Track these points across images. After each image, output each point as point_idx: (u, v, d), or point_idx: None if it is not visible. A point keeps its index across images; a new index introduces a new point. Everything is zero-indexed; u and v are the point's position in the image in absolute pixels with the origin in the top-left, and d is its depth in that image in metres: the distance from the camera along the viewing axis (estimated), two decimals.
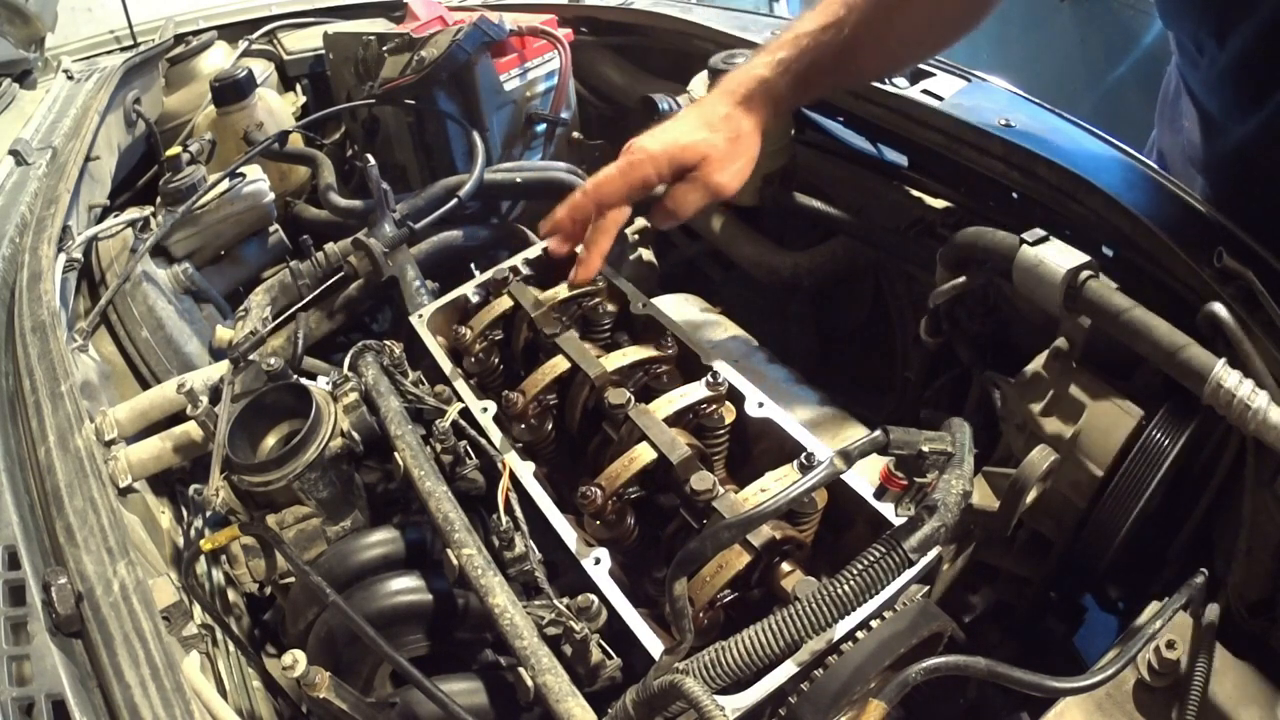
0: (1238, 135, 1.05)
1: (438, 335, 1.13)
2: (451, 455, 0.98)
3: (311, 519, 0.96)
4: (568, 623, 0.77)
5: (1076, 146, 1.13)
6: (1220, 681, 0.75)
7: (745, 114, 1.03)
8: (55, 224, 1.24)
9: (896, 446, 0.70)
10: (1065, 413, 0.95)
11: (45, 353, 1.02)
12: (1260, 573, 0.83)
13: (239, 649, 1.02)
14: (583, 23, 1.90)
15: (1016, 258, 0.93)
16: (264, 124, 1.73)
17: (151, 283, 1.38)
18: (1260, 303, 0.84)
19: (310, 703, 0.76)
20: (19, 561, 0.78)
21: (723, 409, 0.93)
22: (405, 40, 1.63)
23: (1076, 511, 0.94)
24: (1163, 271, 0.95)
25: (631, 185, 1.01)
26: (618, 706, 0.70)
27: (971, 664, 0.69)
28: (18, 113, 1.65)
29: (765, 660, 0.67)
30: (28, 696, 0.67)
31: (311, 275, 1.43)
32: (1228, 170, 1.12)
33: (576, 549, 0.84)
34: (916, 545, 0.69)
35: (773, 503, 0.65)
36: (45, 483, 0.88)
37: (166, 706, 0.68)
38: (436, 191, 1.47)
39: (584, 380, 0.96)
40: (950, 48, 1.10)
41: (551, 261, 1.15)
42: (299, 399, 0.99)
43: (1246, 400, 0.74)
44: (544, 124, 1.74)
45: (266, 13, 2.13)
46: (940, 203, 1.31)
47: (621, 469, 0.86)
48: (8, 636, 0.72)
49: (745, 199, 1.46)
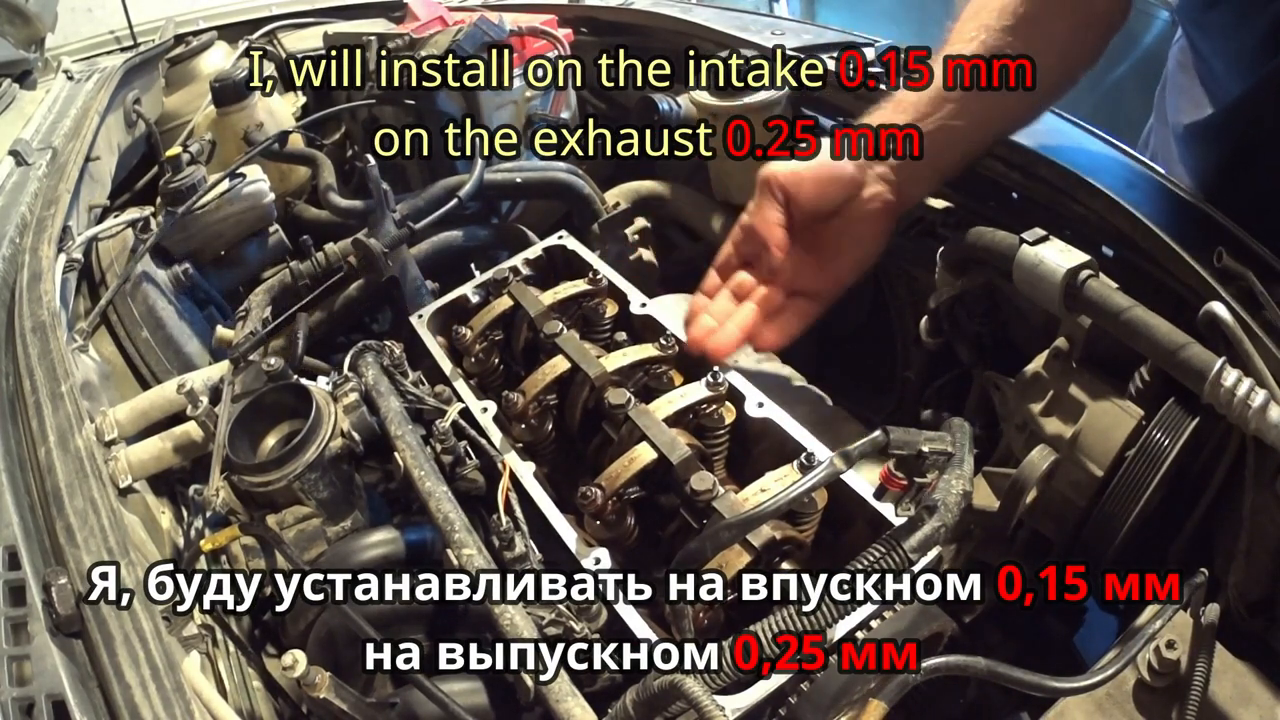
0: (1242, 91, 1.06)
1: (438, 335, 1.14)
2: (451, 455, 0.98)
3: (312, 519, 0.96)
4: (568, 623, 0.77)
5: (1076, 146, 1.13)
6: (1220, 681, 0.75)
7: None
8: (55, 224, 1.23)
9: (896, 446, 0.70)
10: (1065, 413, 0.95)
11: (45, 353, 1.02)
12: (1260, 573, 0.83)
13: (239, 649, 1.02)
14: (583, 23, 1.90)
15: (1016, 258, 0.93)
16: (264, 124, 1.73)
17: (151, 283, 1.38)
18: (1260, 303, 0.84)
19: (310, 703, 0.76)
20: (19, 562, 0.78)
21: (723, 409, 0.93)
22: (405, 41, 1.64)
23: (1076, 511, 0.94)
24: (1163, 271, 0.95)
25: None
26: (618, 706, 0.70)
27: (971, 664, 0.69)
28: (18, 113, 1.65)
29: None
30: (28, 697, 0.67)
31: (311, 275, 1.43)
32: (1228, 133, 1.12)
33: (576, 549, 0.84)
34: (916, 545, 0.69)
35: (773, 503, 0.65)
36: (45, 483, 0.88)
37: (166, 706, 0.67)
38: (436, 191, 1.47)
39: (584, 380, 0.96)
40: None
41: (552, 262, 1.15)
42: (299, 399, 0.99)
43: (1247, 399, 0.74)
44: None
45: (266, 13, 2.13)
46: (940, 203, 1.31)
47: (621, 469, 0.86)
48: (8, 636, 0.72)
49: (745, 199, 1.46)
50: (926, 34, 1.10)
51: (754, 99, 1.33)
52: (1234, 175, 1.10)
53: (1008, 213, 1.19)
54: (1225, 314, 0.79)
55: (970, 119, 0.96)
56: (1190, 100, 1.21)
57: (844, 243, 1.00)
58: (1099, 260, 0.91)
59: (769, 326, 0.99)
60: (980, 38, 0.96)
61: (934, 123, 0.96)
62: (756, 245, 0.99)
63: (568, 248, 1.20)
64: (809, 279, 1.01)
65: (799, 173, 0.97)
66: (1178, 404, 0.89)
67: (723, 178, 1.48)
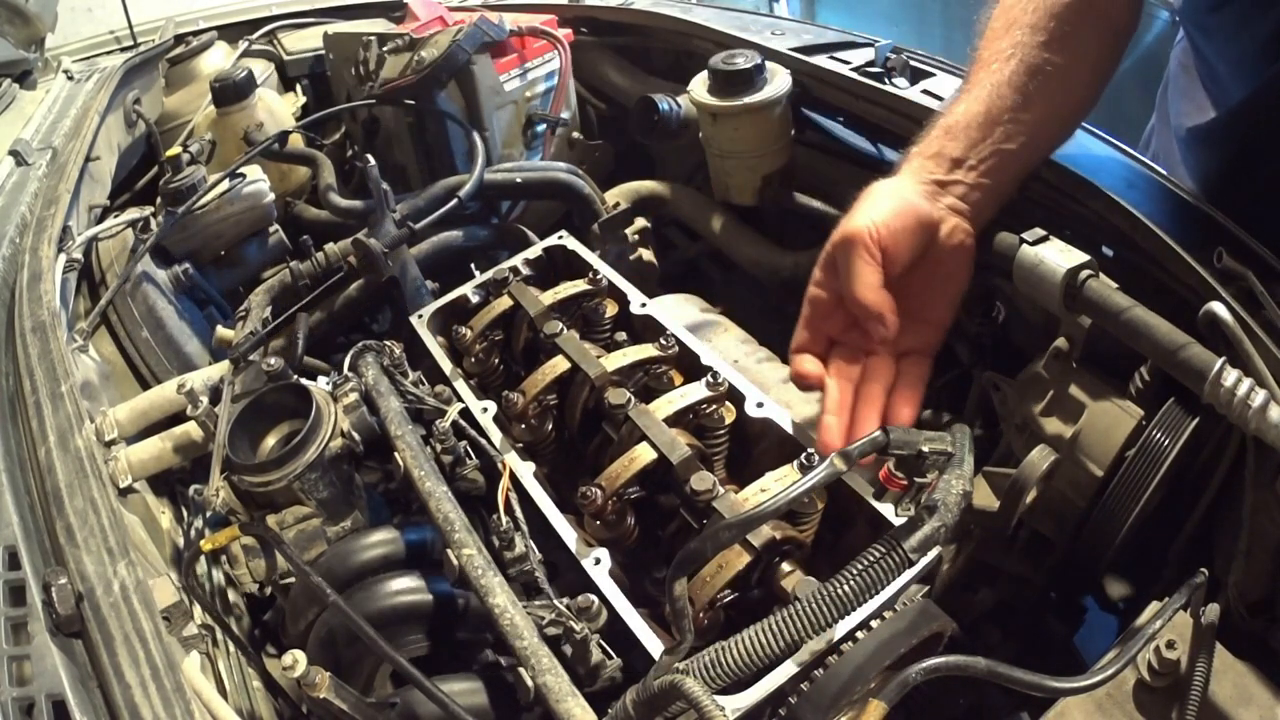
0: (1244, 95, 1.06)
1: (438, 335, 1.14)
2: (451, 455, 0.98)
3: (312, 519, 0.96)
4: (568, 623, 0.77)
5: (1076, 146, 1.13)
6: (1220, 681, 0.75)
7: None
8: (55, 224, 1.24)
9: (896, 446, 0.70)
10: (1065, 413, 0.95)
11: (45, 353, 1.02)
12: (1260, 573, 0.83)
13: (239, 649, 1.02)
14: (583, 23, 1.90)
15: (1016, 258, 0.93)
16: (264, 124, 1.73)
17: (151, 283, 1.38)
18: (1260, 303, 0.84)
19: (310, 703, 0.76)
20: (19, 562, 0.78)
21: (723, 409, 0.93)
22: (405, 41, 1.64)
23: (1076, 511, 0.94)
24: (1163, 271, 0.95)
25: None
26: (618, 706, 0.70)
27: (971, 664, 0.69)
28: (18, 113, 1.65)
29: (765, 660, 0.67)
30: (28, 697, 0.67)
31: (311, 275, 1.44)
32: (1231, 136, 1.12)
33: (576, 549, 0.84)
34: (916, 545, 0.69)
35: (773, 503, 0.65)
36: (45, 483, 0.88)
37: (166, 706, 0.67)
38: (436, 192, 1.47)
39: (584, 380, 0.96)
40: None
41: (552, 262, 1.15)
42: (299, 399, 0.99)
43: (1247, 399, 0.74)
44: (544, 124, 1.74)
45: (266, 13, 2.13)
46: None
47: (621, 469, 0.86)
48: (8, 636, 0.72)
49: (745, 199, 1.46)
50: (925, 35, 1.11)
51: (754, 98, 1.33)
52: (1236, 179, 1.10)
53: (1008, 213, 1.18)
54: (1225, 314, 0.79)
55: (1021, 141, 0.93)
56: (1192, 103, 1.21)
57: (936, 287, 0.93)
58: (1099, 260, 0.91)
59: (899, 401, 0.89)
60: (1018, 55, 0.93)
61: (989, 147, 0.92)
62: (857, 318, 0.88)
63: (568, 248, 1.20)
64: (909, 337, 0.91)
65: (886, 225, 0.86)
66: (1178, 404, 0.89)
67: (722, 177, 1.48)
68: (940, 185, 0.92)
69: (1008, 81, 0.93)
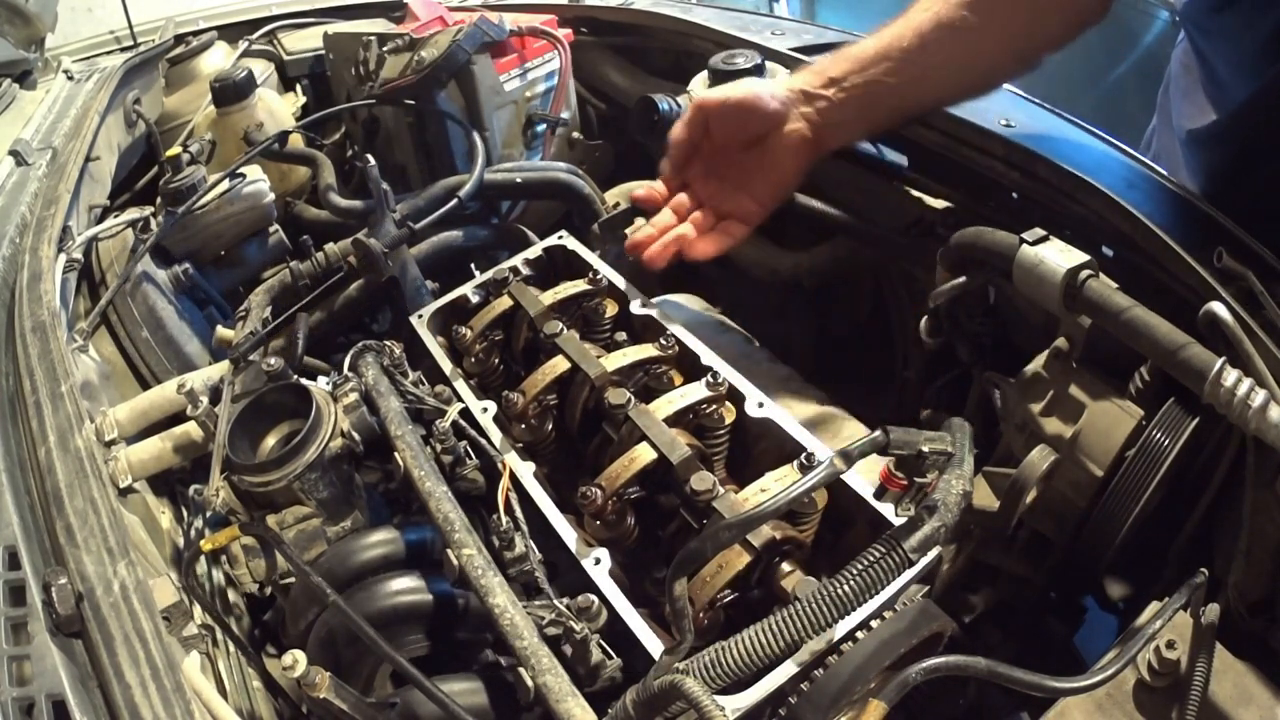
0: (1245, 97, 1.06)
1: (438, 335, 1.14)
2: (451, 455, 0.98)
3: (311, 519, 0.96)
4: (568, 623, 0.77)
5: (1076, 146, 1.13)
6: (1220, 681, 0.75)
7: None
8: (55, 224, 1.23)
9: (896, 446, 0.70)
10: (1065, 413, 0.95)
11: (45, 353, 1.01)
12: (1260, 573, 0.83)
13: (239, 649, 1.02)
14: (583, 23, 1.90)
15: (1016, 258, 0.93)
16: (264, 124, 1.72)
17: (151, 283, 1.38)
18: (1260, 303, 0.84)
19: (310, 703, 0.76)
20: (19, 562, 0.78)
21: (723, 409, 0.93)
22: (405, 41, 1.64)
23: (1076, 511, 0.94)
24: (1163, 271, 0.95)
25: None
26: (618, 707, 0.70)
27: (971, 664, 0.69)
28: (18, 113, 1.65)
29: (765, 660, 0.67)
30: (28, 696, 0.67)
31: (311, 275, 1.43)
32: (1232, 138, 1.13)
33: (576, 549, 0.84)
34: (916, 545, 0.69)
35: (773, 503, 0.65)
36: (45, 483, 0.88)
37: (166, 706, 0.67)
38: (436, 192, 1.47)
39: (584, 380, 0.96)
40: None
41: (552, 262, 1.15)
42: (299, 399, 0.99)
43: (1247, 399, 0.74)
44: (544, 124, 1.74)
45: (266, 13, 2.13)
46: (940, 203, 1.31)
47: (621, 469, 0.86)
48: (8, 636, 0.72)
49: None
50: None
51: None
52: (1238, 181, 1.10)
53: (1008, 213, 1.19)
54: (1225, 314, 0.79)
55: (903, 79, 1.01)
56: (1194, 104, 1.21)
57: (761, 172, 1.08)
58: (1099, 260, 0.91)
59: (701, 240, 1.08)
60: (935, 8, 1.01)
61: (867, 76, 1.02)
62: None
63: (568, 248, 1.20)
64: (734, 203, 1.10)
65: (722, 104, 1.05)
66: (1178, 404, 0.89)
67: None
68: (805, 95, 1.06)
69: (913, 26, 1.01)
